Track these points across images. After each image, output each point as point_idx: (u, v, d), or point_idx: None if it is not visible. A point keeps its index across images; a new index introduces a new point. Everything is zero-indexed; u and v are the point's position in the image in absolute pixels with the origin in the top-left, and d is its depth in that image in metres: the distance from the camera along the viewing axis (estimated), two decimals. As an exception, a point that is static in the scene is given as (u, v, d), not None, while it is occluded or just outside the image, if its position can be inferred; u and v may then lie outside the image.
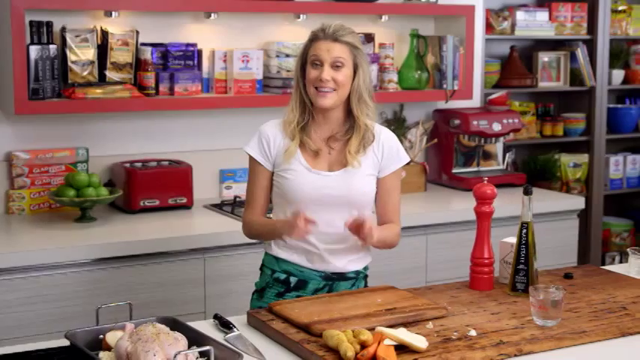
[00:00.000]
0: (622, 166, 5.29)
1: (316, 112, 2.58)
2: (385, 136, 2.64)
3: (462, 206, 3.94)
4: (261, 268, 2.70)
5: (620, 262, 5.15)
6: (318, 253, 2.57)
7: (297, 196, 2.53)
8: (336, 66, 2.50)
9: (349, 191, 2.54)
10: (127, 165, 3.68)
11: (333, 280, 2.58)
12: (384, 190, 2.63)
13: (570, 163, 5.07)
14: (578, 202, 4.21)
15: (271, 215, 2.68)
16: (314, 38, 2.55)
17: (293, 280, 2.58)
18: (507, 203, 3.73)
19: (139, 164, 3.71)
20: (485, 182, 2.61)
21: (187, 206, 3.70)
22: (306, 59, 2.56)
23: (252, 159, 2.61)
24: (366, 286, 2.68)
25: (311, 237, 2.54)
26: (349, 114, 2.58)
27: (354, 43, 2.54)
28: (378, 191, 2.63)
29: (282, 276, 2.60)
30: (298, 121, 2.57)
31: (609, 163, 5.22)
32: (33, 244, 3.13)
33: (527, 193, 2.52)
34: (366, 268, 2.69)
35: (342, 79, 2.51)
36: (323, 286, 2.58)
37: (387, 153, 2.61)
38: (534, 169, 4.95)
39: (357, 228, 2.44)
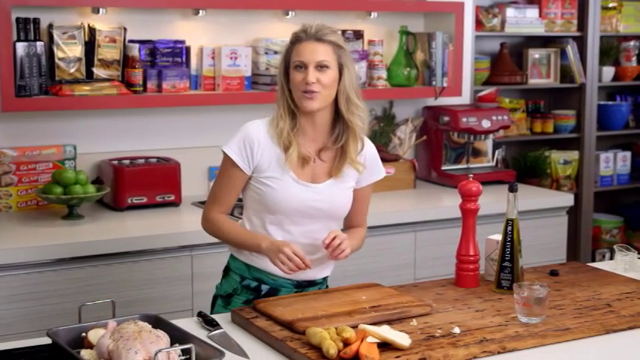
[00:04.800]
0: (612, 163, 5.30)
1: (303, 118, 2.48)
2: (368, 148, 2.58)
3: (451, 203, 3.92)
4: (225, 271, 2.62)
5: (611, 259, 5.12)
6: None
7: (281, 206, 2.46)
8: (320, 67, 2.41)
9: (333, 204, 2.49)
10: (115, 162, 3.67)
11: (303, 287, 2.54)
12: (358, 199, 2.58)
13: (560, 160, 5.07)
14: (567, 199, 4.22)
15: (243, 218, 2.58)
16: (296, 40, 2.46)
17: (264, 287, 2.51)
18: (496, 200, 3.72)
19: (126, 161, 3.71)
20: (471, 179, 2.60)
21: (175, 203, 3.69)
22: (289, 63, 2.46)
23: (229, 160, 2.48)
24: (326, 287, 2.64)
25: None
26: (337, 118, 2.50)
27: (338, 43, 2.46)
28: (354, 199, 2.57)
29: (253, 284, 2.52)
30: (290, 126, 2.46)
31: (599, 160, 5.22)
32: (20, 242, 3.12)
33: (512, 190, 2.52)
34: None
35: (328, 81, 2.42)
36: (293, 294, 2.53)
37: (368, 164, 2.57)
38: (524, 166, 4.95)
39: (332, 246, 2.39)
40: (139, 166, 3.66)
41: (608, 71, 5.22)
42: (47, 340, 2.04)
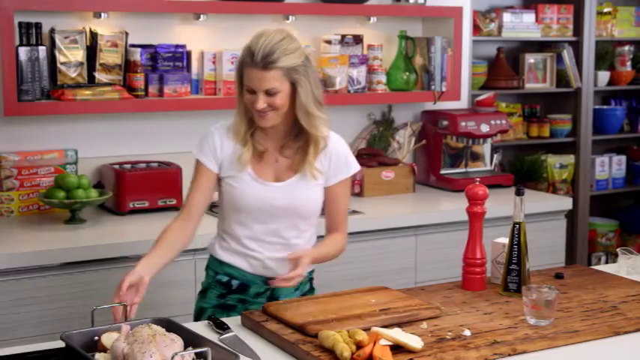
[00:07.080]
0: (608, 167, 5.33)
1: None
2: (334, 144, 2.54)
3: (450, 207, 3.96)
4: (206, 269, 2.69)
5: (606, 262, 5.18)
6: (261, 260, 2.53)
7: (242, 205, 2.49)
8: (269, 94, 2.38)
9: (294, 201, 2.49)
10: (116, 166, 3.67)
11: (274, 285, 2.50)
12: (330, 199, 2.56)
13: (556, 164, 5.09)
14: (565, 203, 4.24)
15: (218, 218, 2.63)
16: (243, 62, 2.41)
17: (235, 283, 2.56)
18: (495, 204, 3.72)
19: (128, 166, 3.71)
20: (477, 183, 2.62)
21: (177, 208, 3.68)
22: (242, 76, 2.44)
23: (196, 161, 2.55)
24: (312, 288, 2.67)
25: (254, 244, 2.51)
26: (297, 121, 2.46)
27: (288, 66, 2.37)
28: (326, 199, 2.56)
29: (224, 278, 2.58)
30: (248, 125, 2.48)
31: (595, 164, 5.25)
32: (22, 246, 3.12)
33: (519, 193, 2.53)
34: (311, 272, 2.66)
35: (279, 103, 2.39)
36: (265, 290, 2.56)
37: (334, 162, 2.53)
38: (521, 170, 4.97)
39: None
40: (141, 171, 3.66)
41: (604, 76, 5.25)
42: (60, 344, 2.04)
